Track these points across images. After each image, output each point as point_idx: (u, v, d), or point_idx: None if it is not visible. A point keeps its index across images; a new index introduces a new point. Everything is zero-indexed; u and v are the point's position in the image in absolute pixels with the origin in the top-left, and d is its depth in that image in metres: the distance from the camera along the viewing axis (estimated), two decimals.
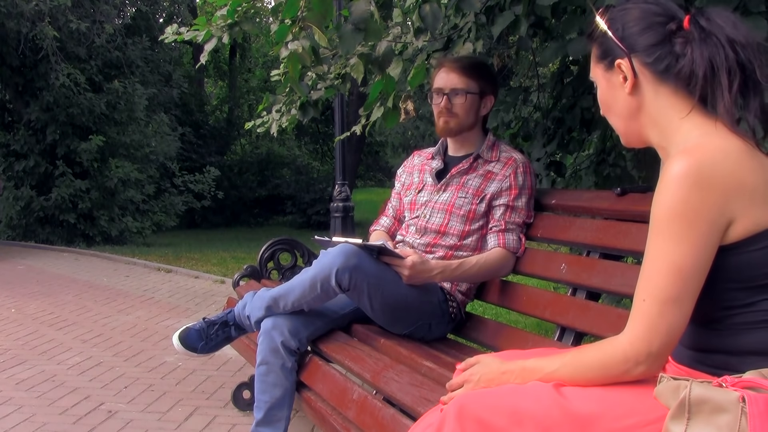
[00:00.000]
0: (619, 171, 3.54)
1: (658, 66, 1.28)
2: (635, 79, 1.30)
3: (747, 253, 1.18)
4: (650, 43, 1.28)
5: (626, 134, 1.38)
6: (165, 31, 3.41)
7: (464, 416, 1.24)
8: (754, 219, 1.17)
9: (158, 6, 16.15)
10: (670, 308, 1.18)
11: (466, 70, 2.52)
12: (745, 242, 1.18)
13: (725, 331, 1.23)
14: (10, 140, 12.07)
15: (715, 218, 1.16)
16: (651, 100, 1.30)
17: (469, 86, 2.50)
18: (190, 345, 2.46)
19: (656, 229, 1.20)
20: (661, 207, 1.19)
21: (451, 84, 2.50)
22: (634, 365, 1.20)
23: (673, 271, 1.17)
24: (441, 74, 2.54)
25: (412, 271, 2.30)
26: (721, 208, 1.16)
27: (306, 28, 2.40)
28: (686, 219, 1.16)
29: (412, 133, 17.55)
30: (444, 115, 2.52)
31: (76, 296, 6.21)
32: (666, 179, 1.19)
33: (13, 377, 3.70)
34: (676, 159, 1.19)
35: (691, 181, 1.16)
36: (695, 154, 1.18)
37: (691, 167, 1.16)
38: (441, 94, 2.51)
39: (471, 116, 2.53)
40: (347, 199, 6.94)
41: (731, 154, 1.18)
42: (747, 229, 1.17)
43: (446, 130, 2.55)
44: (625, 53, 1.30)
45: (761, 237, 1.17)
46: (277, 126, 3.74)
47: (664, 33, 1.27)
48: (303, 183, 18.01)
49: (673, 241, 1.17)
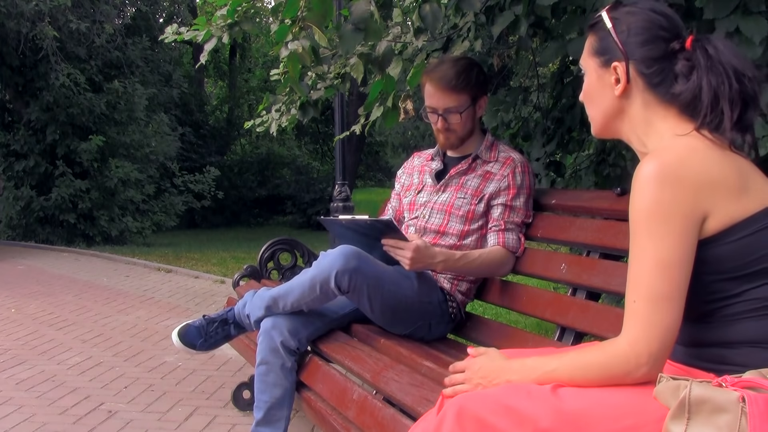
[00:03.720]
0: (619, 171, 3.54)
1: (654, 79, 1.32)
2: (627, 84, 1.33)
3: (726, 245, 1.21)
4: (651, 56, 1.31)
5: (601, 128, 1.43)
6: (165, 31, 3.41)
7: (464, 416, 1.24)
8: (728, 212, 1.20)
9: (158, 6, 16.16)
10: (662, 306, 1.19)
11: (453, 85, 2.42)
12: (721, 234, 1.21)
13: (717, 324, 1.25)
14: (10, 140, 12.06)
15: (689, 213, 1.19)
16: (637, 106, 1.34)
17: (460, 102, 2.45)
18: (189, 342, 2.46)
19: (635, 230, 1.23)
20: (637, 209, 1.23)
21: (443, 104, 2.45)
22: (636, 367, 1.20)
23: (659, 268, 1.20)
24: (429, 91, 2.46)
25: (416, 254, 2.26)
26: (694, 203, 1.19)
27: (306, 28, 2.40)
28: (662, 216, 1.19)
29: (412, 133, 17.57)
30: (442, 132, 2.51)
31: (76, 296, 6.21)
32: (638, 182, 1.23)
33: (13, 377, 3.70)
34: (645, 161, 1.23)
35: (661, 180, 1.19)
36: (663, 154, 1.23)
37: (660, 167, 1.20)
38: (435, 113, 2.48)
39: (469, 126, 2.51)
40: (347, 199, 6.93)
41: (699, 151, 1.23)
42: (722, 222, 1.21)
43: (447, 145, 2.55)
44: (624, 58, 1.32)
45: (737, 229, 1.21)
46: (277, 125, 3.74)
47: (666, 49, 1.31)
48: (303, 183, 18.02)
49: (653, 239, 1.20)
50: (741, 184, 1.22)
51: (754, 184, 1.23)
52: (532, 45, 3.56)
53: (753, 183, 1.23)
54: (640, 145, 1.36)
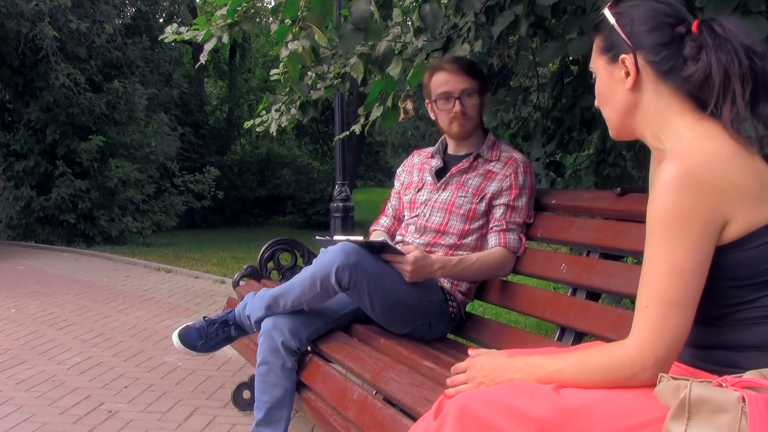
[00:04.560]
0: (619, 171, 3.54)
1: (663, 66, 1.29)
2: (637, 76, 1.31)
3: (743, 252, 1.20)
4: (657, 42, 1.29)
5: (618, 128, 1.40)
6: (165, 31, 3.41)
7: (465, 416, 1.24)
8: (748, 219, 1.19)
9: (158, 6, 16.15)
10: (673, 311, 1.18)
11: (468, 69, 2.50)
12: (740, 241, 1.19)
13: (726, 328, 1.24)
14: (10, 140, 12.06)
15: (709, 219, 1.18)
16: (650, 98, 1.32)
17: (475, 86, 2.50)
18: (190, 343, 2.46)
19: (653, 234, 1.21)
20: (656, 212, 1.20)
21: (460, 86, 2.47)
22: (641, 370, 1.20)
23: (674, 274, 1.18)
24: (443, 78, 2.49)
25: (415, 265, 2.28)
26: (714, 209, 1.18)
27: (306, 28, 2.40)
28: (681, 222, 1.18)
29: (412, 133, 17.56)
30: (459, 119, 2.49)
31: (76, 296, 6.21)
32: (658, 184, 1.20)
33: (13, 377, 3.70)
34: (667, 164, 1.21)
35: (682, 185, 1.18)
36: (685, 157, 1.20)
37: (682, 171, 1.18)
38: (451, 98, 2.48)
39: (479, 115, 2.53)
40: (347, 199, 6.93)
41: (721, 156, 1.20)
42: (741, 229, 1.19)
43: (462, 133, 2.53)
44: (631, 49, 1.31)
45: (756, 236, 1.19)
46: (277, 125, 3.74)
47: (672, 35, 1.29)
48: (303, 183, 18.00)
49: (670, 244, 1.18)
50: (762, 190, 1.20)
51: None
52: (532, 45, 3.56)
53: None
54: (656, 141, 1.33)
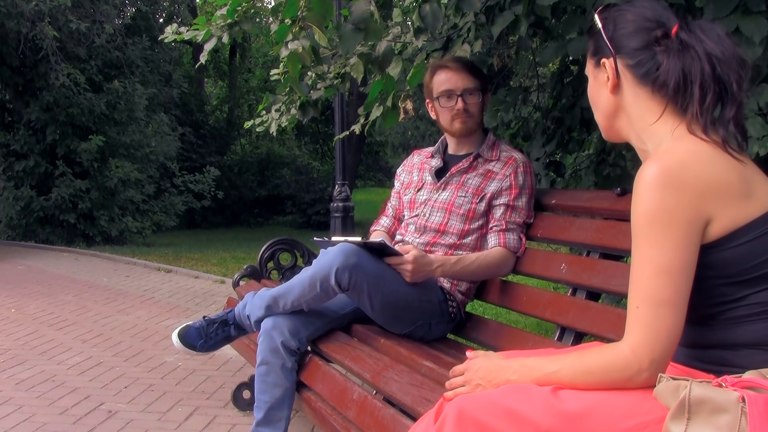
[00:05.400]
0: (619, 171, 3.53)
1: (639, 70, 1.32)
2: (617, 80, 1.34)
3: (729, 250, 1.21)
4: (635, 46, 1.32)
5: (606, 130, 1.44)
6: (165, 31, 3.41)
7: (463, 419, 1.24)
8: (731, 216, 1.20)
9: (158, 6, 16.14)
10: (664, 311, 1.19)
11: (470, 68, 2.53)
12: (724, 239, 1.20)
13: (718, 327, 1.25)
14: (10, 140, 12.06)
15: (692, 217, 1.19)
16: (630, 101, 1.34)
17: (477, 84, 2.52)
18: (190, 343, 2.46)
19: (638, 235, 1.22)
20: (639, 213, 1.22)
21: (463, 84, 2.49)
22: (637, 372, 1.20)
23: (661, 273, 1.19)
24: (445, 76, 2.51)
25: (415, 265, 2.29)
26: (697, 208, 1.19)
27: (306, 28, 2.40)
28: (665, 221, 1.19)
29: (412, 133, 17.57)
30: (461, 116, 2.51)
31: (76, 296, 6.21)
32: (639, 186, 1.22)
33: (13, 377, 3.70)
34: (646, 165, 1.22)
35: (663, 184, 1.19)
36: (665, 158, 1.22)
37: (662, 171, 1.20)
38: (453, 96, 2.50)
39: (481, 114, 2.54)
40: (347, 199, 6.93)
41: (700, 155, 1.21)
42: (725, 227, 1.20)
43: (464, 130, 2.54)
44: (612, 53, 1.34)
45: (740, 233, 1.20)
46: (277, 125, 3.74)
47: (648, 39, 1.31)
48: (303, 183, 17.99)
49: (656, 244, 1.19)
50: (744, 188, 1.21)
51: (757, 188, 1.22)
52: (532, 45, 3.56)
53: (756, 187, 1.22)
54: (640, 143, 1.36)
